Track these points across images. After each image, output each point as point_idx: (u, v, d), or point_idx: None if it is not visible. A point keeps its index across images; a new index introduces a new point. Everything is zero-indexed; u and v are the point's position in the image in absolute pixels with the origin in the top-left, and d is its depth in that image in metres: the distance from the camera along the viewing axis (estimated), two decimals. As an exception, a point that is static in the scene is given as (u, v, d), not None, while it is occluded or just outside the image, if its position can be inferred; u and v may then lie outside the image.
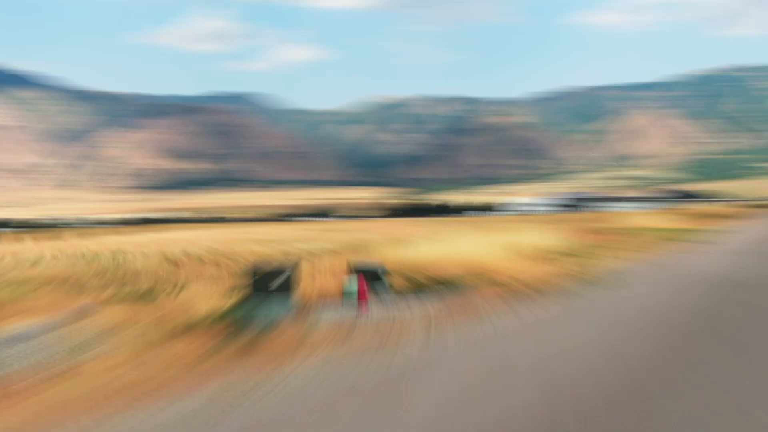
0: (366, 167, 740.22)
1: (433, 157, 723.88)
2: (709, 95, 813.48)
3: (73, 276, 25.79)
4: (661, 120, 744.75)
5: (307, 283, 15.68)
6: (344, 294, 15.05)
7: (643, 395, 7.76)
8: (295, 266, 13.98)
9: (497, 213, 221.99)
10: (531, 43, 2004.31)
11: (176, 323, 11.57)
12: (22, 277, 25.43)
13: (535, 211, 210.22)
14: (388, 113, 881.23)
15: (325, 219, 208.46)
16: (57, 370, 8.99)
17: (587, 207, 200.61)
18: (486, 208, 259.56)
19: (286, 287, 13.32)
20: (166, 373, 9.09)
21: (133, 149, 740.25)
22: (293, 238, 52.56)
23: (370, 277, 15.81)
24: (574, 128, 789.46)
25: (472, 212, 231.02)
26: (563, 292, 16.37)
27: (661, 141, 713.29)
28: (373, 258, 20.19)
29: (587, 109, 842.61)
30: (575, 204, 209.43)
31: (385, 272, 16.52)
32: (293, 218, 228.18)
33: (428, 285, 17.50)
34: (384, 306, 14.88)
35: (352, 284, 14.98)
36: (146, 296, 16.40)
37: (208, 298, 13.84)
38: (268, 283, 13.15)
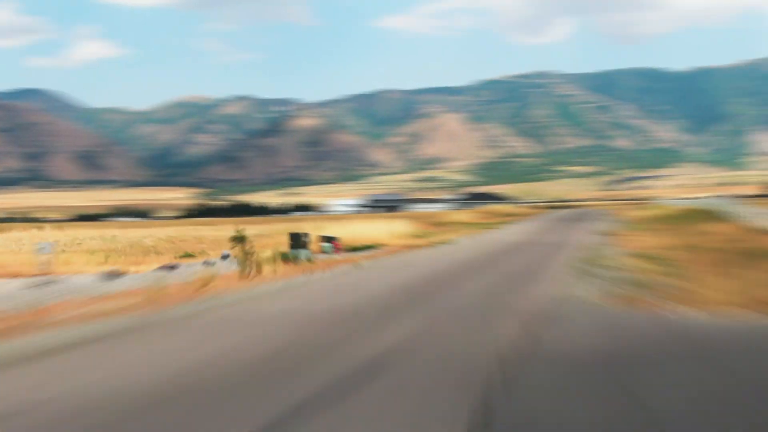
0: (179, 168, 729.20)
1: (248, 158, 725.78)
2: (516, 100, 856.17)
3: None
4: (470, 124, 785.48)
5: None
6: (324, 248, 30.00)
7: (453, 279, 23.54)
8: (306, 234, 28.78)
9: (321, 213, 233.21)
10: (345, 46, 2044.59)
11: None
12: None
13: (354, 211, 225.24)
14: (203, 113, 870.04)
15: (141, 219, 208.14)
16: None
17: (402, 207, 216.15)
18: (306, 209, 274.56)
19: (305, 245, 28.13)
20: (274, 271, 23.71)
21: None
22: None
23: (326, 240, 30.81)
24: (387, 131, 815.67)
25: (299, 213, 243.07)
26: (423, 250, 32.31)
27: (470, 144, 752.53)
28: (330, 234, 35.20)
29: (400, 112, 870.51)
30: (391, 205, 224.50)
31: (335, 238, 31.60)
32: (105, 219, 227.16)
33: (355, 247, 32.80)
34: (339, 254, 30.02)
35: (327, 244, 29.98)
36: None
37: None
38: (298, 241, 27.90)
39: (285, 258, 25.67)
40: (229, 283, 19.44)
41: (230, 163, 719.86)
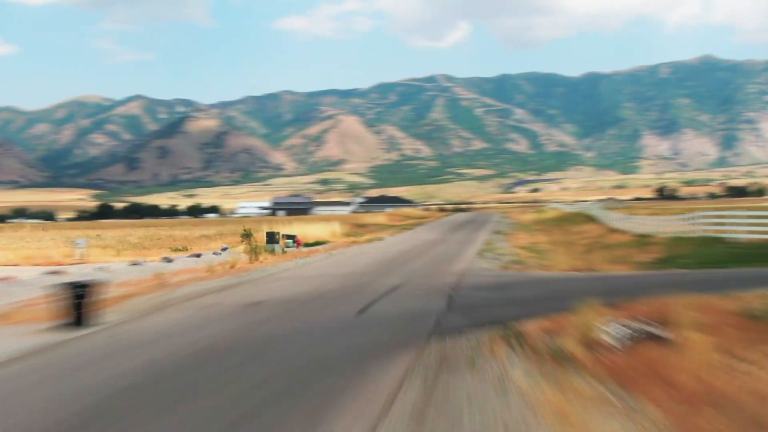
0: (75, 168, 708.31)
1: (145, 159, 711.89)
2: (413, 103, 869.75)
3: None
4: (369, 126, 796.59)
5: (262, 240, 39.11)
6: (288, 244, 38.95)
7: (403, 260, 33.09)
8: (278, 233, 37.69)
9: (230, 216, 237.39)
10: (243, 47, 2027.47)
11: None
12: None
13: (263, 213, 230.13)
14: (99, 113, 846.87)
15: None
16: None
17: (310, 210, 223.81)
18: (215, 211, 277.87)
19: (277, 241, 37.06)
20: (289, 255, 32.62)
21: None
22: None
23: (288, 237, 39.80)
24: (286, 133, 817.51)
25: (211, 215, 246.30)
26: (365, 245, 41.70)
27: (368, 147, 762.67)
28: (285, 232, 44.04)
29: (298, 114, 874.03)
30: (299, 207, 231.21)
31: (295, 236, 40.60)
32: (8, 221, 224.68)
33: (308, 243, 41.83)
34: (301, 248, 39.07)
35: (290, 240, 38.94)
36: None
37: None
38: (272, 238, 36.81)
39: (266, 251, 34.58)
40: (248, 265, 28.26)
41: (127, 164, 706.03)
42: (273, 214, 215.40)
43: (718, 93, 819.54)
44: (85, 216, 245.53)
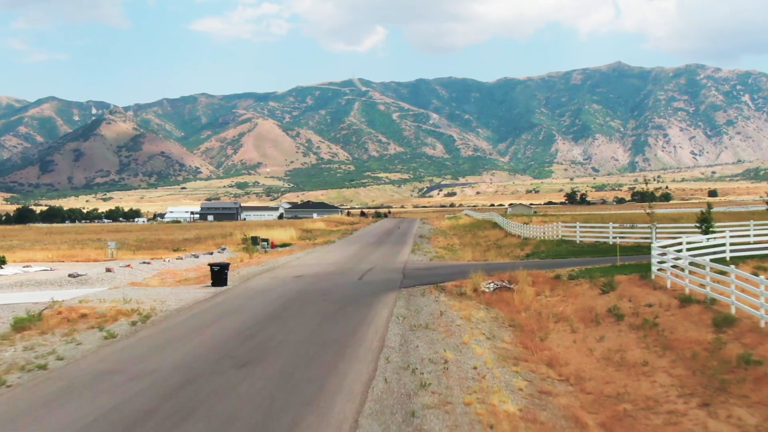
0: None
1: (59, 162, 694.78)
2: (330, 107, 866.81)
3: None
4: (285, 130, 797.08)
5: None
6: (264, 245, 51.30)
7: (363, 254, 46.07)
8: (260, 237, 50.04)
9: (162, 221, 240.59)
10: (159, 49, 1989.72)
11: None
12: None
13: (194, 218, 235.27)
14: (11, 115, 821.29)
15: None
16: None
17: (238, 215, 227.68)
18: (138, 215, 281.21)
19: (258, 243, 49.47)
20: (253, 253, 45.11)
21: None
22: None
23: (263, 240, 52.25)
24: (202, 136, 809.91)
25: (140, 220, 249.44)
26: (325, 246, 54.39)
27: (285, 150, 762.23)
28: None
29: (215, 117, 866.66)
30: (227, 213, 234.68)
31: (268, 239, 52.96)
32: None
33: (276, 245, 54.22)
34: (275, 249, 51.54)
35: (265, 242, 51.32)
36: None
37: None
38: (256, 240, 49.19)
39: (258, 250, 46.92)
40: (252, 260, 40.55)
41: (41, 166, 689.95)
42: (203, 218, 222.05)
43: (629, 99, 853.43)
44: (1, 220, 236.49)
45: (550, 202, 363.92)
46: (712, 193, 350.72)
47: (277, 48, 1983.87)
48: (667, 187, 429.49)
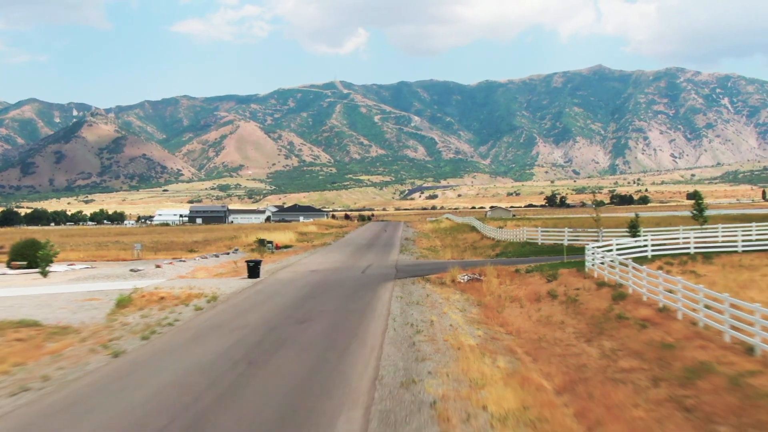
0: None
1: (40, 164, 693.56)
2: (312, 109, 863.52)
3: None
4: (267, 132, 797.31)
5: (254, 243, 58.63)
6: (269, 247, 58.59)
7: (358, 255, 53.53)
8: (267, 240, 57.35)
9: (150, 223, 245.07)
10: (141, 51, 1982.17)
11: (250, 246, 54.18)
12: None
13: (183, 221, 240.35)
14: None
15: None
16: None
17: (226, 218, 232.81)
18: (122, 218, 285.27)
19: (265, 244, 56.78)
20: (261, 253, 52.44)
21: None
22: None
23: (268, 242, 59.58)
24: (184, 138, 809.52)
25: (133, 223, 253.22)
26: (323, 247, 61.74)
27: (267, 152, 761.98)
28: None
29: (197, 119, 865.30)
30: (216, 216, 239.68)
31: (272, 241, 60.28)
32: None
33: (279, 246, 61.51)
34: (279, 250, 58.85)
35: (270, 244, 58.62)
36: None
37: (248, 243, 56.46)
38: (263, 242, 56.51)
39: (266, 251, 54.19)
40: (266, 260, 47.80)
41: (21, 168, 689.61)
42: (192, 221, 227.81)
43: (610, 102, 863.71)
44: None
45: (530, 205, 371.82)
46: (691, 196, 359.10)
47: (258, 50, 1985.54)
48: (646, 190, 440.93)
